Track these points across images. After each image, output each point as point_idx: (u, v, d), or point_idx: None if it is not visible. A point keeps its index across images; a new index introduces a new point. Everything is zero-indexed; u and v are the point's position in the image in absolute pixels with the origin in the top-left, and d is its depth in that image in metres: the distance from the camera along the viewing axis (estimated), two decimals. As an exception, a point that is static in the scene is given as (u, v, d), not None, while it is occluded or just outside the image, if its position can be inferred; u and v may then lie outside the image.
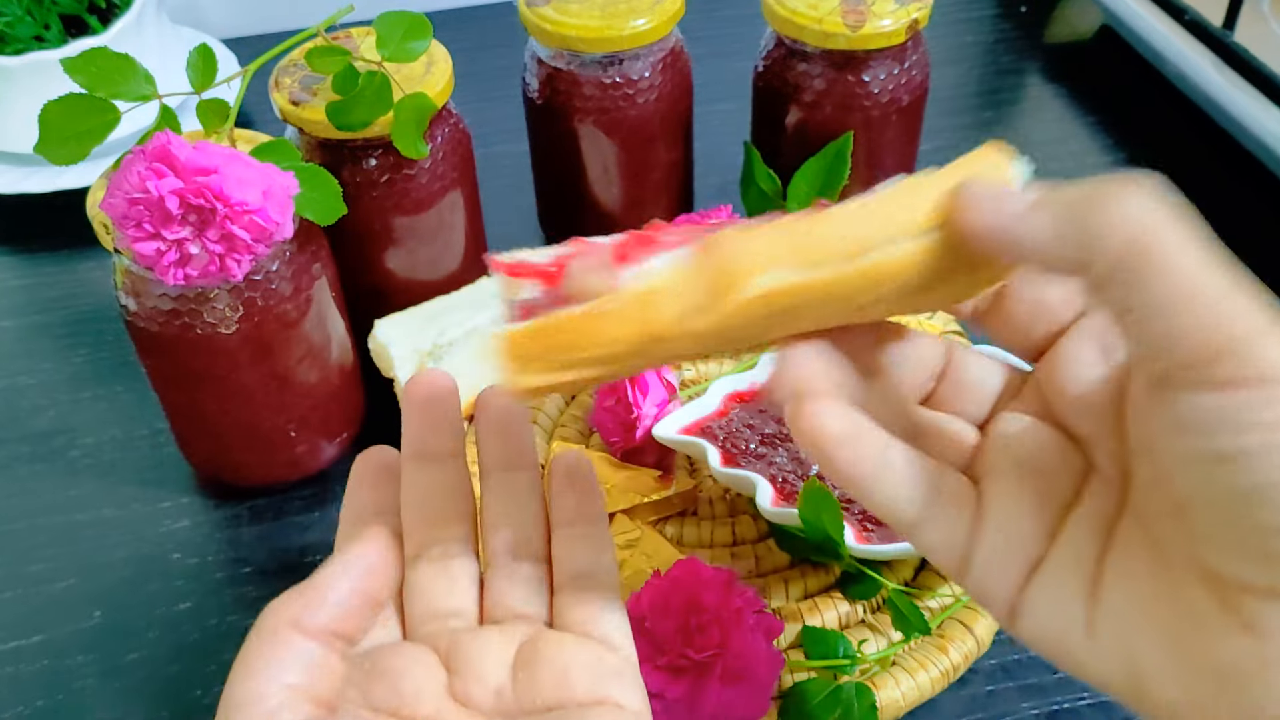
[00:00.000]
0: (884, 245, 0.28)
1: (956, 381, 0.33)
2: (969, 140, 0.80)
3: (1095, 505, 0.29)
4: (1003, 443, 0.31)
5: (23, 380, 0.64)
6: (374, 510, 0.36)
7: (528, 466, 0.36)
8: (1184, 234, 0.25)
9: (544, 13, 0.59)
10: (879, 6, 0.59)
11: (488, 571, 0.36)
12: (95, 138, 0.47)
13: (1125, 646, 0.28)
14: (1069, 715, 0.48)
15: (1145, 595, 0.28)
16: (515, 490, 0.36)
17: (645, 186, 0.65)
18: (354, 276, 0.58)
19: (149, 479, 0.59)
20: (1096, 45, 0.90)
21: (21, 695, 0.50)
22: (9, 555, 0.55)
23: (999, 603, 0.30)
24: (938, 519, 0.30)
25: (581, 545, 0.36)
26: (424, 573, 0.35)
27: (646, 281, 0.29)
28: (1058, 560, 0.29)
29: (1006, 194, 0.28)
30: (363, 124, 0.53)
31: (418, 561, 0.36)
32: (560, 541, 0.36)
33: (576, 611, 0.35)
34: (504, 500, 0.36)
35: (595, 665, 0.33)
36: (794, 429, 0.30)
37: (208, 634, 0.52)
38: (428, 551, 0.36)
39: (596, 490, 0.36)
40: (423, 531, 0.36)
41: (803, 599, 0.51)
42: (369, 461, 0.37)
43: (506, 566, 0.36)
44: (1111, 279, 0.25)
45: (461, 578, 0.35)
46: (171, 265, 0.45)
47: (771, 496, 0.50)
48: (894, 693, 0.47)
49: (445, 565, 0.35)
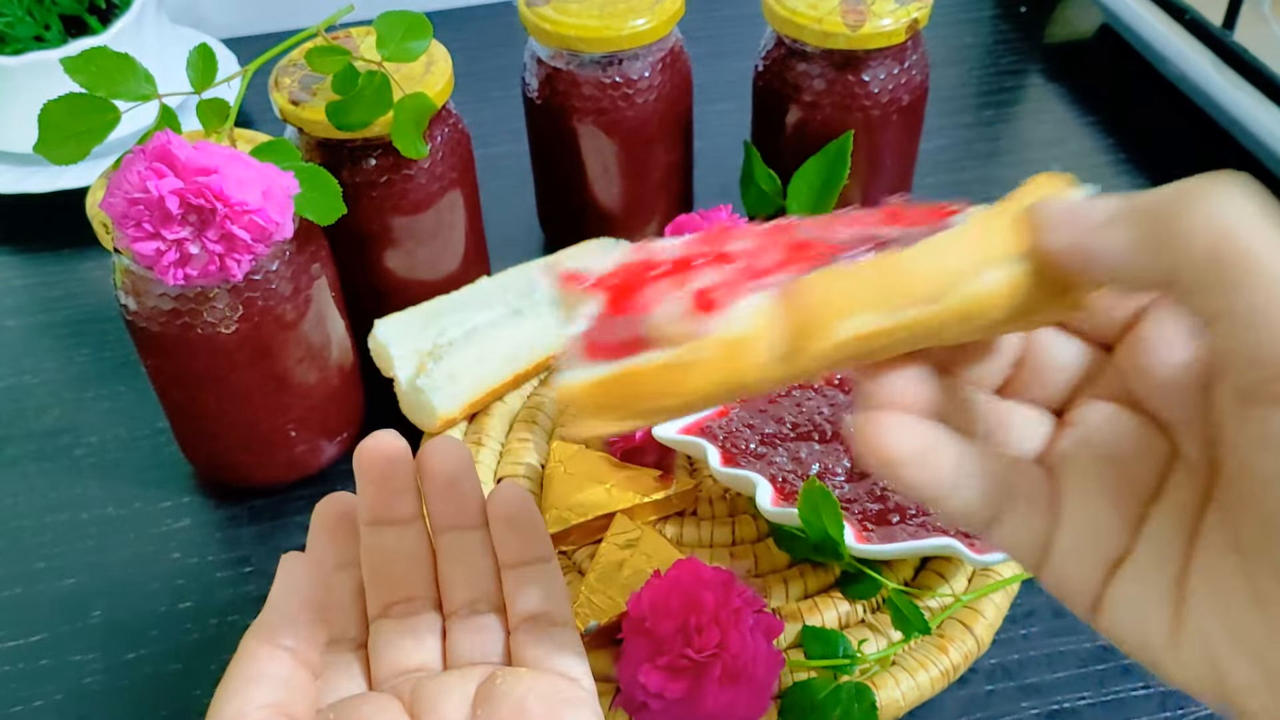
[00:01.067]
0: (967, 281, 0.27)
1: (1034, 367, 0.31)
2: (969, 140, 0.80)
3: (1180, 497, 0.28)
4: (1081, 433, 0.30)
5: (28, 379, 0.64)
6: (335, 564, 0.38)
7: (477, 526, 0.38)
8: (1273, 237, 0.23)
9: (544, 12, 0.59)
10: (879, 6, 0.59)
11: (448, 622, 0.38)
12: (95, 137, 0.47)
13: (1210, 653, 0.26)
14: (1069, 715, 0.48)
15: (1232, 601, 0.26)
16: (467, 549, 0.38)
17: (645, 186, 0.65)
18: (354, 276, 0.58)
19: (151, 478, 0.59)
20: (1096, 45, 0.90)
21: (23, 692, 0.50)
22: (14, 553, 0.55)
23: (1079, 600, 0.29)
24: (1013, 518, 0.29)
25: (531, 585, 0.37)
26: (389, 630, 0.37)
27: (731, 331, 0.27)
28: (1140, 558, 0.28)
29: (1082, 209, 0.26)
30: (362, 124, 0.53)
31: (382, 620, 0.37)
32: (510, 583, 0.38)
33: (532, 649, 0.36)
34: (457, 559, 0.38)
35: (551, 695, 0.34)
36: (859, 445, 0.29)
37: (208, 633, 0.52)
38: (391, 610, 0.37)
39: (538, 528, 0.38)
40: (386, 592, 0.38)
41: (802, 599, 0.51)
42: (329, 510, 0.38)
43: (465, 619, 0.37)
44: (1196, 288, 0.24)
45: (425, 633, 0.37)
46: (171, 265, 0.45)
47: (771, 496, 0.50)
48: (894, 692, 0.47)
49: (409, 622, 0.37)
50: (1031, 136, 0.80)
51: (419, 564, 0.38)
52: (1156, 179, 0.76)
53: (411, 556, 0.38)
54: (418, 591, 0.38)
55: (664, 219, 0.66)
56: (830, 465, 0.52)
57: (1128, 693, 0.49)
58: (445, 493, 0.38)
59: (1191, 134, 0.80)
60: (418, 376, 0.56)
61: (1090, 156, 0.78)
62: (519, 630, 0.37)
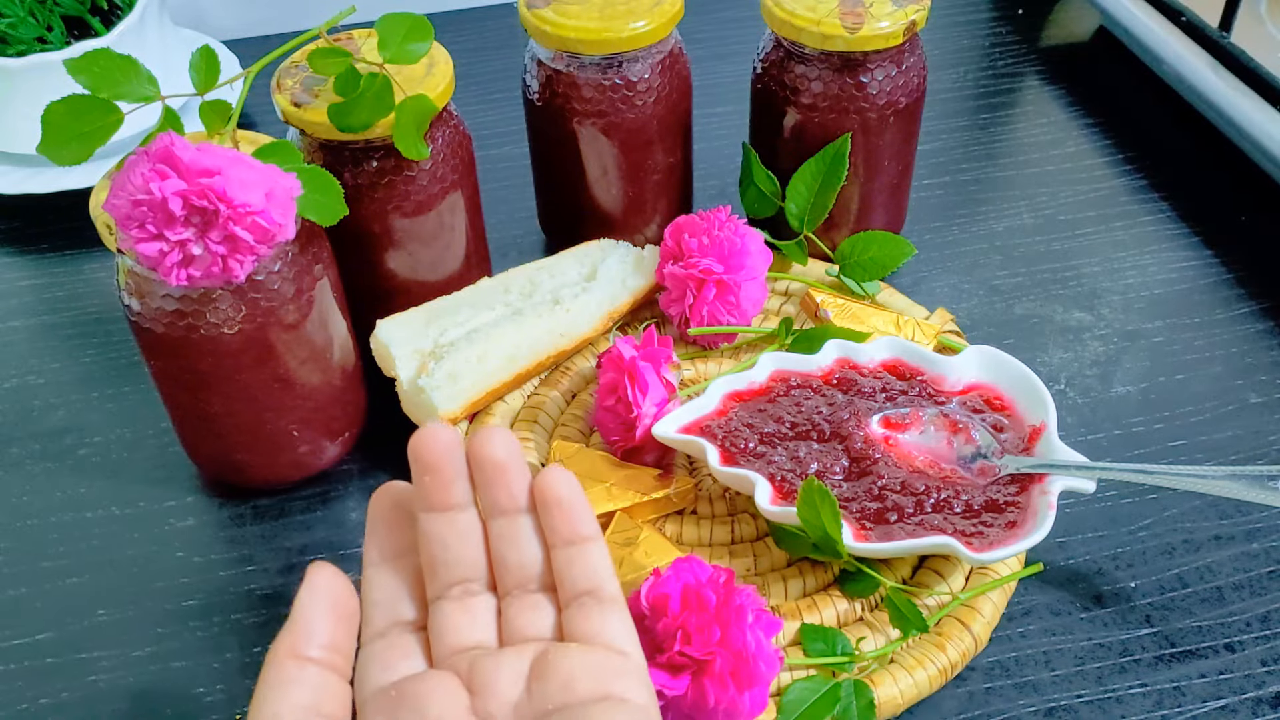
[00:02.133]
0: None
1: None
2: (966, 143, 0.80)
3: None
4: None
5: (33, 380, 0.65)
6: (394, 552, 0.40)
7: (527, 509, 0.40)
8: None
9: (544, 15, 0.59)
10: (877, 8, 0.60)
11: (503, 602, 0.40)
12: (98, 139, 0.48)
13: None
14: (1066, 713, 0.48)
15: None
16: (518, 533, 0.40)
17: (644, 188, 0.65)
18: (355, 277, 0.58)
19: (156, 478, 0.59)
20: (1093, 47, 0.90)
21: (30, 691, 0.50)
22: (21, 552, 0.56)
23: None
24: None
25: (579, 563, 0.39)
26: (447, 611, 0.39)
27: None
28: None
29: None
30: (364, 126, 0.53)
31: (440, 601, 0.39)
32: (560, 562, 0.39)
33: (582, 625, 0.38)
34: (509, 542, 0.40)
35: (600, 667, 0.37)
36: None
37: (212, 631, 0.52)
38: (448, 592, 0.39)
39: (584, 508, 0.40)
40: (443, 574, 0.39)
41: (801, 597, 0.51)
42: (384, 501, 0.40)
43: (519, 598, 0.39)
44: None
45: (481, 613, 0.39)
46: (174, 266, 0.45)
47: (770, 495, 0.50)
48: (892, 690, 0.47)
49: (465, 603, 0.39)
50: (1028, 139, 0.81)
51: (473, 548, 0.40)
52: (1154, 180, 0.77)
53: (466, 541, 0.39)
54: (473, 574, 0.39)
55: (663, 220, 0.67)
56: (829, 464, 0.52)
57: (1125, 691, 0.49)
58: (495, 480, 0.39)
59: (1188, 136, 0.80)
60: (419, 376, 0.56)
61: (1087, 158, 0.79)
62: (569, 607, 0.39)
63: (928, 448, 0.53)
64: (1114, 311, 0.67)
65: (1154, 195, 0.75)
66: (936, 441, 0.54)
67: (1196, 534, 0.55)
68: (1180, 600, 0.52)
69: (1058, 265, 0.70)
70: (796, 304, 0.66)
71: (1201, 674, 0.50)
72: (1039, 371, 0.60)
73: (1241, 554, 0.54)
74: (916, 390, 0.56)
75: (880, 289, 0.66)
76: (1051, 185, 0.76)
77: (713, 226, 0.60)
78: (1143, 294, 0.68)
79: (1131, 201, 0.75)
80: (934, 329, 0.62)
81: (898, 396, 0.55)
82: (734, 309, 0.60)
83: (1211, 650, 0.50)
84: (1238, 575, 0.53)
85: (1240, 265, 0.70)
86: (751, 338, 0.63)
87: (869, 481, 0.51)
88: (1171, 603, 0.52)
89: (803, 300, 0.65)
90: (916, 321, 0.62)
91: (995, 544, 0.48)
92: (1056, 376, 0.63)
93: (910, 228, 0.72)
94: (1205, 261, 0.70)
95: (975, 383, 0.56)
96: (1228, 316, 0.66)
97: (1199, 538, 0.55)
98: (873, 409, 0.54)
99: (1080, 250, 0.71)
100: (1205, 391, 0.62)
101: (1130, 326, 0.66)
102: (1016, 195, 0.76)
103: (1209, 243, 0.71)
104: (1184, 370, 0.63)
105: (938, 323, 0.64)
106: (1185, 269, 0.70)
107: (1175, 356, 0.64)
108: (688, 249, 0.60)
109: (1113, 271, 0.70)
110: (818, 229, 0.66)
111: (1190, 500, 0.56)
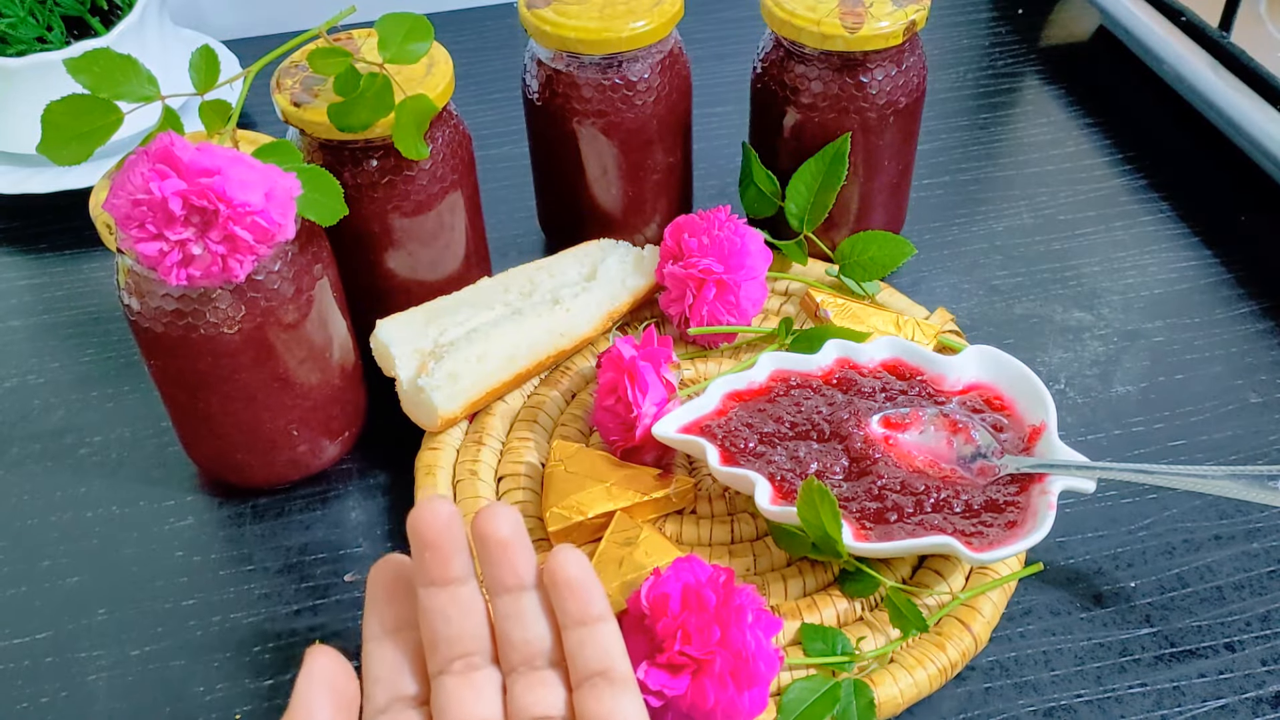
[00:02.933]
0: None
1: None
2: (966, 143, 0.80)
3: None
4: None
5: (32, 379, 0.65)
6: (395, 625, 0.40)
7: (532, 586, 0.39)
8: None
9: (544, 14, 0.59)
10: (877, 8, 0.60)
11: (508, 679, 0.39)
12: (98, 138, 0.48)
13: None
14: (1065, 713, 0.48)
15: None
16: (524, 610, 0.39)
17: (644, 188, 0.65)
18: (355, 277, 0.58)
19: (155, 477, 0.59)
20: (1093, 47, 0.90)
21: (29, 690, 0.50)
22: (20, 551, 0.56)
23: None
24: None
25: (591, 643, 0.38)
26: (450, 686, 0.38)
27: None
28: None
29: None
30: (364, 125, 0.53)
31: (443, 676, 0.39)
32: (571, 642, 0.39)
33: (595, 706, 0.37)
34: (514, 620, 0.39)
35: None
36: None
37: (211, 630, 0.52)
38: (450, 666, 0.39)
39: (595, 588, 0.39)
40: (444, 649, 0.39)
41: (801, 597, 0.51)
42: (383, 573, 0.40)
43: (525, 675, 0.39)
44: None
45: (485, 687, 0.38)
46: (174, 266, 0.45)
47: (770, 495, 0.50)
48: (892, 690, 0.47)
49: (469, 678, 0.38)
50: (1028, 138, 0.81)
51: (476, 622, 0.39)
52: (1153, 180, 0.76)
53: (468, 615, 0.39)
54: (476, 648, 0.39)
55: (663, 220, 0.67)
56: (829, 464, 0.52)
57: (1124, 690, 0.49)
58: (500, 557, 0.39)
59: (1188, 136, 0.80)
60: (419, 376, 0.56)
61: (1087, 158, 0.79)
62: (581, 687, 0.38)
63: (928, 447, 0.53)
64: (1114, 311, 0.67)
65: (1154, 195, 0.75)
66: (936, 441, 0.54)
67: (1196, 534, 0.55)
68: (1180, 600, 0.52)
69: (1058, 265, 0.70)
70: (796, 304, 0.66)
71: (1201, 674, 0.49)
72: (1039, 371, 0.60)
73: (1241, 554, 0.54)
74: (916, 390, 0.56)
75: (880, 289, 0.66)
76: (1051, 185, 0.76)
77: (713, 226, 0.60)
78: (1143, 294, 0.68)
79: (1131, 201, 0.75)
80: (934, 329, 0.62)
81: (898, 396, 0.55)
82: (734, 309, 0.60)
83: (1211, 650, 0.50)
84: (1238, 575, 0.53)
85: (1240, 265, 0.70)
86: (751, 338, 0.63)
87: (869, 481, 0.51)
88: (1171, 602, 0.52)
89: (803, 300, 0.65)
90: (916, 321, 0.62)
91: (995, 544, 0.48)
92: (1056, 376, 0.63)
93: (910, 228, 0.72)
94: (1205, 261, 0.70)
95: (975, 382, 0.56)
96: (1228, 316, 0.66)
97: (1199, 538, 0.55)
98: (873, 409, 0.54)
99: (1080, 250, 0.71)
100: (1205, 391, 0.62)
101: (1130, 326, 0.66)
102: (1016, 195, 0.76)
103: (1209, 243, 0.71)
104: (1184, 370, 0.63)
105: (938, 323, 0.64)
106: (1185, 269, 0.70)
107: (1175, 356, 0.64)
108: (688, 249, 0.60)
109: (1113, 271, 0.70)
110: (818, 229, 0.66)
111: (1190, 500, 0.56)
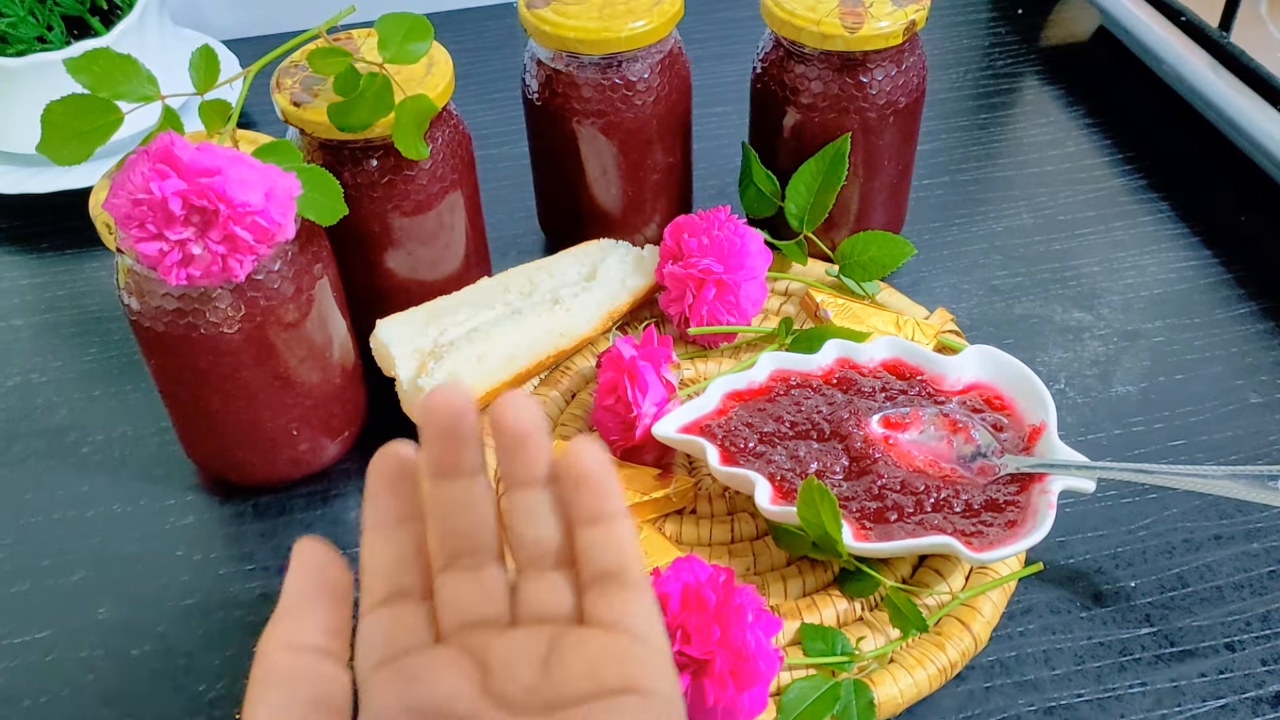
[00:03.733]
0: None
1: None
2: (966, 143, 0.80)
3: None
4: None
5: (35, 378, 0.65)
6: (397, 518, 0.37)
7: (546, 483, 0.36)
8: None
9: (543, 14, 0.59)
10: (877, 8, 0.60)
11: (517, 578, 0.37)
12: (98, 138, 0.48)
13: None
14: (1066, 712, 0.48)
15: None
16: (536, 507, 0.36)
17: (644, 188, 0.65)
18: (355, 277, 0.58)
19: (156, 476, 0.59)
20: (1093, 47, 0.90)
21: (30, 687, 0.50)
22: (23, 549, 0.56)
23: None
24: None
25: (603, 543, 0.36)
26: (455, 581, 0.36)
27: None
28: None
29: None
30: (364, 125, 0.53)
31: (448, 571, 0.36)
32: (582, 541, 0.36)
33: (604, 609, 0.35)
34: (526, 516, 0.36)
35: (623, 656, 0.34)
36: None
37: (213, 628, 0.52)
38: (457, 562, 0.36)
39: (613, 486, 0.36)
40: (452, 543, 0.36)
41: (801, 596, 0.51)
42: (386, 462, 0.37)
43: (533, 576, 0.36)
44: None
45: (492, 585, 0.36)
46: (174, 266, 0.45)
47: (770, 495, 0.50)
48: (892, 689, 0.47)
49: (476, 574, 0.36)
50: (1028, 139, 0.81)
51: (485, 517, 0.37)
52: (1153, 180, 0.77)
53: (477, 509, 0.36)
54: (484, 544, 0.36)
55: (663, 220, 0.67)
56: (828, 464, 0.52)
57: (1124, 690, 0.49)
58: (515, 450, 0.36)
59: (1188, 136, 0.80)
60: (419, 376, 0.56)
61: (1087, 158, 0.79)
62: (590, 589, 0.36)
63: (928, 447, 0.53)
64: (1114, 311, 0.67)
65: (1154, 195, 0.75)
66: (936, 441, 0.54)
67: (1196, 534, 0.55)
68: (1180, 600, 0.52)
69: (1057, 265, 0.70)
70: (796, 304, 0.66)
71: (1201, 673, 0.50)
72: (1039, 371, 0.60)
73: (1241, 554, 0.54)
74: (916, 390, 0.56)
75: (880, 289, 0.66)
76: (1051, 185, 0.76)
77: (712, 226, 0.60)
78: (1142, 294, 0.68)
79: (1131, 201, 0.75)
80: (934, 329, 0.62)
81: (897, 396, 0.55)
82: (734, 309, 0.60)
83: (1211, 650, 0.50)
84: (1238, 575, 0.53)
85: (1240, 265, 0.70)
86: (751, 337, 0.63)
87: (869, 481, 0.51)
88: (1171, 602, 0.52)
89: (802, 300, 0.65)
90: (916, 321, 0.62)
91: (995, 543, 0.48)
92: (1056, 376, 0.63)
93: (910, 228, 0.72)
94: (1205, 261, 0.70)
95: (975, 382, 0.56)
96: (1228, 316, 0.66)
97: (1199, 538, 0.55)
98: (872, 408, 0.54)
99: (1080, 250, 0.71)
100: (1205, 391, 0.62)
101: (1130, 326, 0.66)
102: (1016, 195, 0.76)
103: (1209, 243, 0.71)
104: (1184, 370, 0.63)
105: (937, 322, 0.64)
106: (1185, 269, 0.70)
107: (1175, 356, 0.64)
108: (687, 249, 0.60)
109: (1112, 271, 0.70)
110: (817, 229, 0.66)
111: (1190, 500, 0.56)
